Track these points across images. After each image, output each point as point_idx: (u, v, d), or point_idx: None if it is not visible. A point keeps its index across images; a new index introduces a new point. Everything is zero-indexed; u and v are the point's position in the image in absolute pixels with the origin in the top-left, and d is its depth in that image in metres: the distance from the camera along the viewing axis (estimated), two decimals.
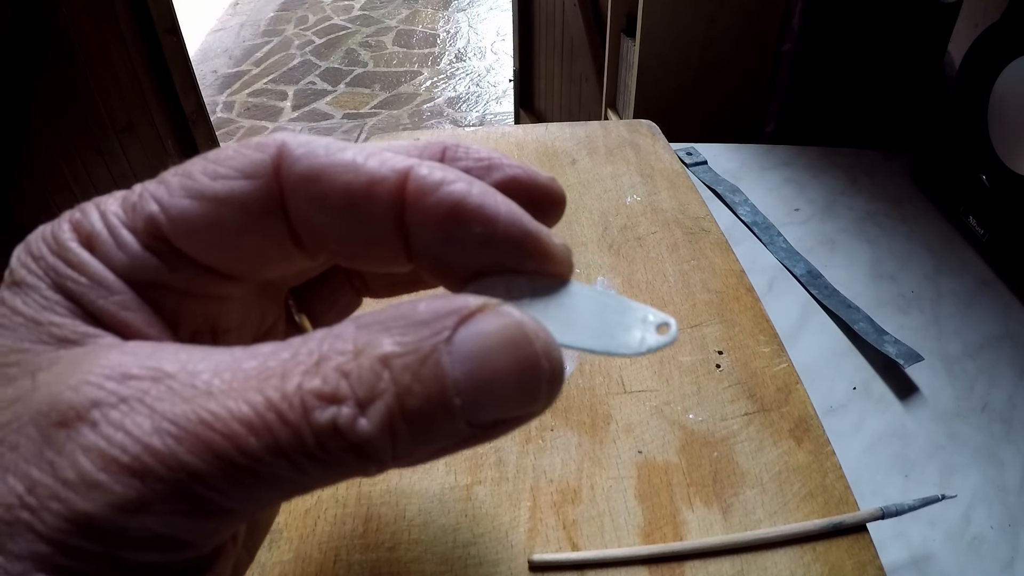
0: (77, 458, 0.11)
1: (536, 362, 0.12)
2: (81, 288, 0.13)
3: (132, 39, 1.73)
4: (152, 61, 1.80)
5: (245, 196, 0.13)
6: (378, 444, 0.11)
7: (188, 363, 0.12)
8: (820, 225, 0.53)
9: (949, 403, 0.39)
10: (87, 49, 1.62)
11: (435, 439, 0.12)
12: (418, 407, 0.11)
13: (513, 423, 0.12)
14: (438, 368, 0.11)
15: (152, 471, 0.11)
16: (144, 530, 0.11)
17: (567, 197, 0.17)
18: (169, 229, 0.13)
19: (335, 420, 0.11)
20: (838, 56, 0.70)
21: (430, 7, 3.49)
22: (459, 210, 0.13)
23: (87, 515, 0.11)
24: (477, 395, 0.12)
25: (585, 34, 1.24)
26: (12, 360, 0.12)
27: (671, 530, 0.26)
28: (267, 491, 0.12)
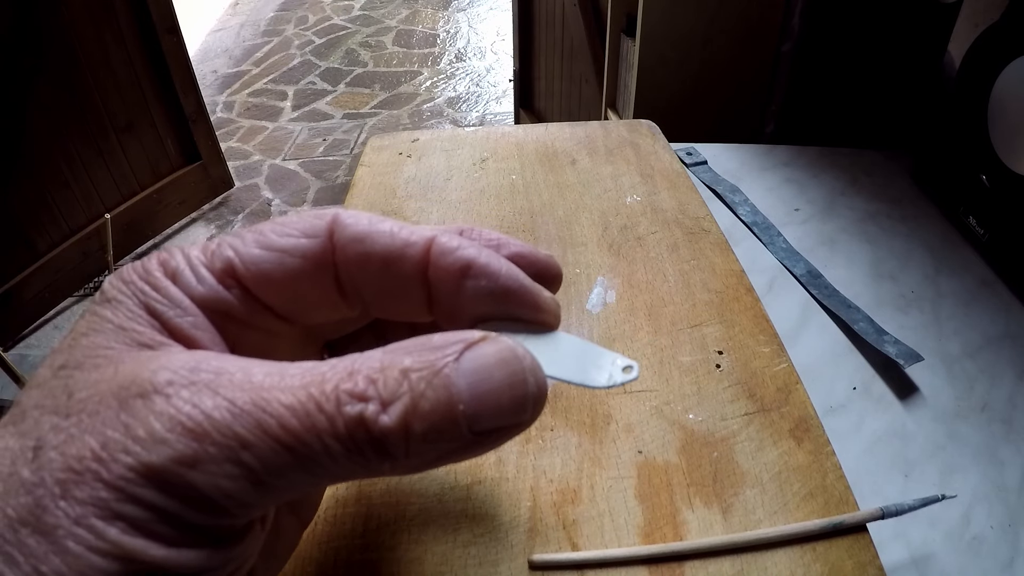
0: (149, 420, 0.13)
1: (524, 378, 0.15)
2: (161, 307, 0.16)
3: (132, 39, 1.73)
4: (152, 61, 1.80)
5: (304, 250, 0.17)
6: (395, 439, 0.14)
7: (246, 367, 0.15)
8: (820, 225, 0.53)
9: (949, 403, 0.39)
10: (87, 49, 1.62)
11: (442, 440, 0.14)
12: (430, 409, 0.14)
13: (507, 432, 0.15)
14: (447, 379, 0.14)
15: (209, 435, 0.13)
16: (194, 489, 0.13)
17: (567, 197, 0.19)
18: (242, 270, 0.17)
19: (362, 413, 0.14)
20: (838, 56, 0.70)
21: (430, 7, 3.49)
22: (470, 267, 0.17)
23: (150, 465, 0.13)
24: (477, 403, 0.14)
25: (585, 34, 1.24)
26: (100, 354, 0.15)
27: (671, 530, 0.26)
28: (300, 472, 0.14)
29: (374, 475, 0.15)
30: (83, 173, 1.69)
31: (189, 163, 1.99)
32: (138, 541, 0.13)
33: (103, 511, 0.13)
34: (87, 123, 1.67)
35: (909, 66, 0.65)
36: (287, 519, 0.20)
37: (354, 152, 2.37)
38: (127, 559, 0.13)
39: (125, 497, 0.13)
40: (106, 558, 0.13)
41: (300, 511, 0.20)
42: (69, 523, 0.13)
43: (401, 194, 0.45)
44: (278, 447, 0.14)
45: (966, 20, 0.51)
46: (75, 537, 0.13)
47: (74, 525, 0.13)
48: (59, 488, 0.13)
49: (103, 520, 0.13)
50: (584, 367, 0.17)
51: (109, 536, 0.13)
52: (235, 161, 2.28)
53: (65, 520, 0.13)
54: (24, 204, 1.56)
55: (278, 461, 0.14)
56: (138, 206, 1.85)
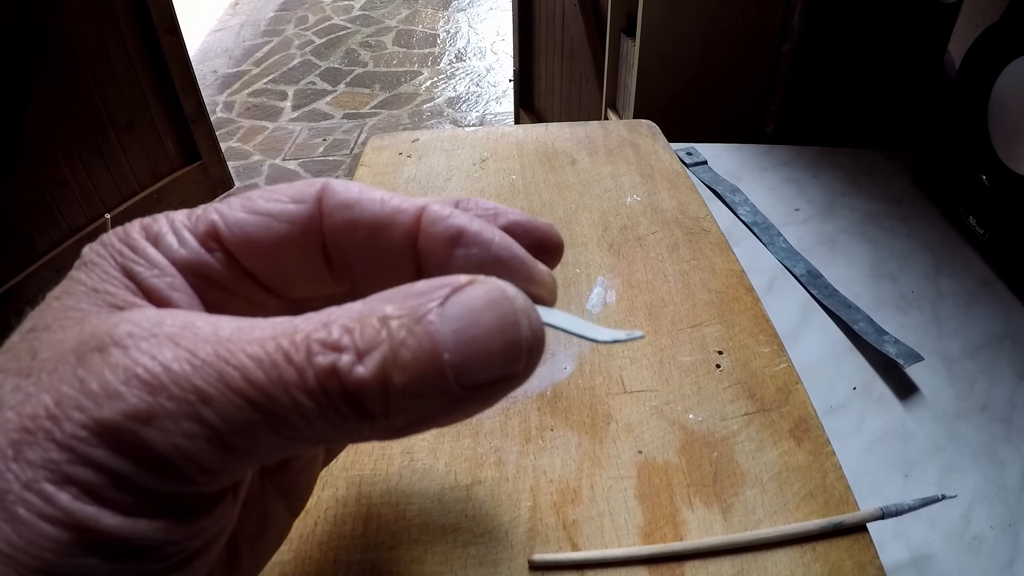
0: (104, 373, 0.12)
1: (516, 319, 0.14)
2: (138, 268, 0.15)
3: (132, 39, 1.73)
4: (152, 61, 1.79)
5: (291, 215, 0.16)
6: (372, 392, 0.13)
7: (215, 321, 0.14)
8: (820, 225, 0.53)
9: (949, 403, 0.39)
10: (87, 49, 1.62)
11: (426, 394, 0.13)
12: (411, 358, 0.13)
13: (499, 386, 0.14)
14: (430, 326, 0.13)
15: (166, 388, 0.12)
16: (149, 448, 0.12)
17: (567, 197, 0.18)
18: (226, 233, 0.16)
19: (335, 363, 0.13)
20: (838, 56, 0.70)
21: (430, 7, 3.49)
22: (461, 235, 0.16)
23: (102, 421, 0.12)
24: (464, 351, 0.13)
25: (585, 34, 1.24)
26: (69, 315, 0.14)
27: (671, 530, 0.26)
28: (268, 433, 0.13)
29: (354, 438, 0.14)
30: (83, 173, 1.68)
31: (189, 163, 1.99)
32: (90, 508, 0.12)
33: (55, 474, 0.12)
34: (87, 123, 1.66)
35: (909, 66, 0.65)
36: (275, 505, 0.19)
37: (354, 152, 2.37)
38: (80, 528, 0.12)
39: (77, 458, 0.12)
40: (57, 526, 0.12)
41: (289, 496, 0.19)
42: (20, 487, 0.12)
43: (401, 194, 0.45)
44: (242, 402, 0.12)
45: (966, 20, 0.51)
46: (25, 503, 0.12)
47: (24, 490, 0.12)
48: (12, 450, 0.12)
49: (54, 484, 0.12)
50: (583, 325, 0.16)
51: (60, 502, 0.12)
52: (235, 161, 2.28)
53: (16, 484, 0.12)
54: (24, 204, 1.56)
55: (242, 418, 0.12)
56: (138, 206, 1.84)
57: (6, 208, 1.52)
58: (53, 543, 0.12)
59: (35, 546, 0.12)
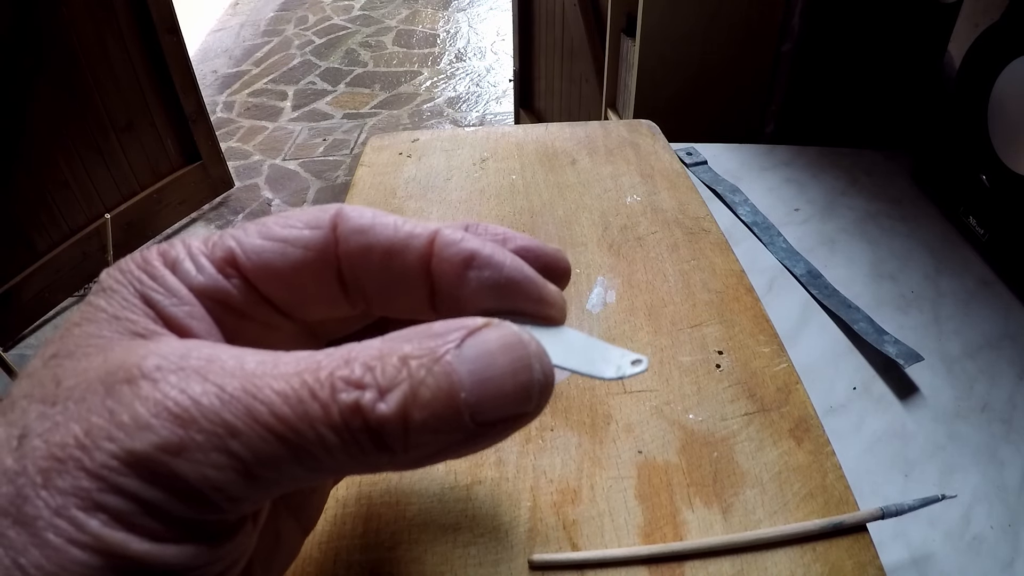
0: (134, 405, 0.13)
1: (529, 363, 0.14)
2: (157, 296, 0.16)
3: (132, 39, 1.73)
4: (152, 61, 1.79)
5: (307, 241, 0.17)
6: (393, 428, 0.13)
7: (239, 354, 0.14)
8: (820, 225, 0.53)
9: (949, 403, 0.39)
10: (87, 49, 1.62)
11: (443, 431, 0.14)
12: (430, 397, 0.13)
13: (511, 423, 0.14)
14: (448, 366, 0.14)
15: (196, 422, 0.13)
16: (179, 479, 0.13)
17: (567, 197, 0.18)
18: (243, 259, 0.16)
19: (358, 400, 0.13)
20: (838, 56, 0.70)
21: (430, 7, 3.49)
22: (474, 257, 0.17)
23: (133, 452, 0.13)
24: (480, 390, 0.14)
25: (585, 34, 1.24)
26: (91, 343, 0.15)
27: (671, 530, 0.26)
28: (293, 464, 0.13)
29: (373, 470, 0.14)
30: (83, 173, 1.68)
31: (189, 163, 1.99)
32: (120, 535, 0.12)
33: (85, 502, 0.12)
34: (87, 123, 1.67)
35: (909, 66, 0.65)
36: (287, 523, 0.19)
37: (354, 152, 2.37)
38: (109, 553, 0.12)
39: (107, 487, 0.12)
40: (87, 551, 0.12)
41: (301, 515, 0.20)
42: (50, 514, 0.12)
43: (401, 194, 0.45)
44: (269, 436, 0.13)
45: (966, 20, 0.51)
46: (55, 529, 0.12)
47: (55, 516, 0.12)
48: (41, 477, 0.13)
49: (84, 511, 0.12)
50: (591, 359, 0.17)
51: (90, 528, 0.12)
52: (235, 161, 2.28)
53: (46, 511, 0.12)
54: (24, 204, 1.56)
55: (269, 451, 0.13)
56: (138, 206, 1.84)
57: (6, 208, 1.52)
58: (82, 567, 0.12)
59: (64, 570, 0.12)
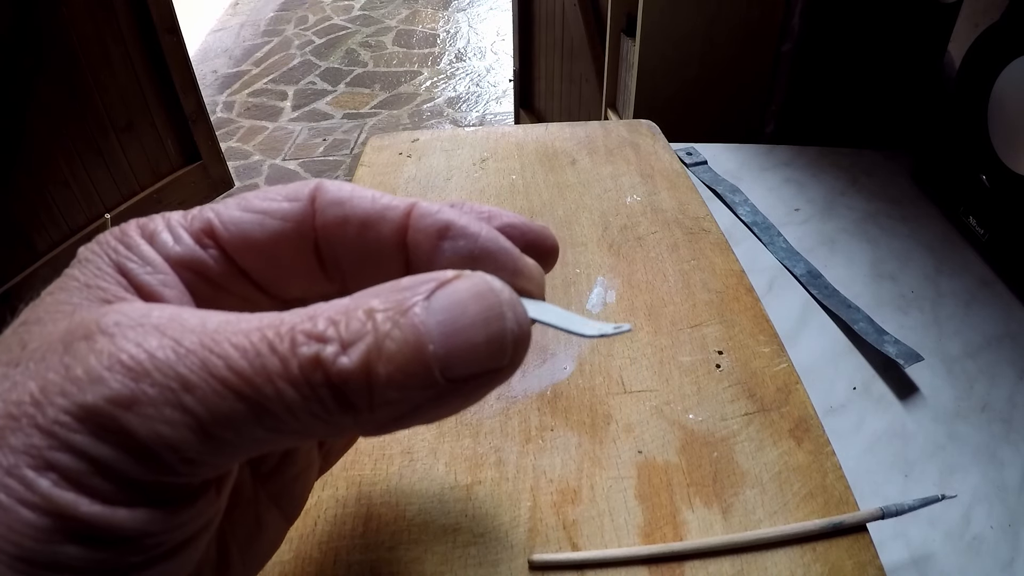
0: (88, 359, 0.13)
1: (501, 311, 0.14)
2: (131, 264, 0.15)
3: (132, 39, 1.73)
4: (152, 61, 1.79)
5: (285, 212, 0.16)
6: (356, 383, 0.13)
7: (202, 315, 0.14)
8: (820, 225, 0.53)
9: (949, 403, 0.39)
10: (87, 49, 1.62)
11: (411, 386, 0.13)
12: (395, 350, 0.13)
13: (485, 380, 0.14)
14: (415, 317, 0.13)
15: (149, 374, 0.12)
16: (131, 434, 0.12)
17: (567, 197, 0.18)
18: (220, 230, 0.16)
19: (319, 354, 0.13)
20: (838, 56, 0.70)
21: (430, 7, 3.49)
22: (448, 228, 0.16)
23: (84, 405, 0.12)
24: (449, 343, 0.13)
25: (585, 34, 1.24)
26: (60, 309, 0.14)
27: (671, 530, 0.26)
28: (252, 424, 0.13)
29: (340, 433, 0.13)
30: (83, 173, 1.68)
31: (189, 163, 1.99)
32: (69, 495, 0.12)
33: (36, 460, 0.12)
34: (87, 123, 1.66)
35: (909, 66, 0.65)
36: (269, 511, 0.18)
37: (354, 152, 2.36)
38: (58, 514, 0.12)
39: (58, 444, 0.12)
40: (36, 512, 0.12)
41: (282, 503, 0.19)
42: (1, 473, 0.12)
43: (401, 194, 0.45)
44: (225, 391, 0.12)
45: (966, 20, 0.51)
46: (5, 488, 0.12)
47: (5, 475, 0.12)
48: None
49: (35, 470, 0.12)
50: (571, 320, 0.16)
51: (39, 488, 0.12)
52: (235, 161, 2.28)
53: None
54: (24, 204, 1.56)
55: (225, 407, 0.12)
56: (138, 206, 1.84)
57: (6, 208, 1.52)
58: (32, 529, 0.12)
59: (13, 532, 0.12)
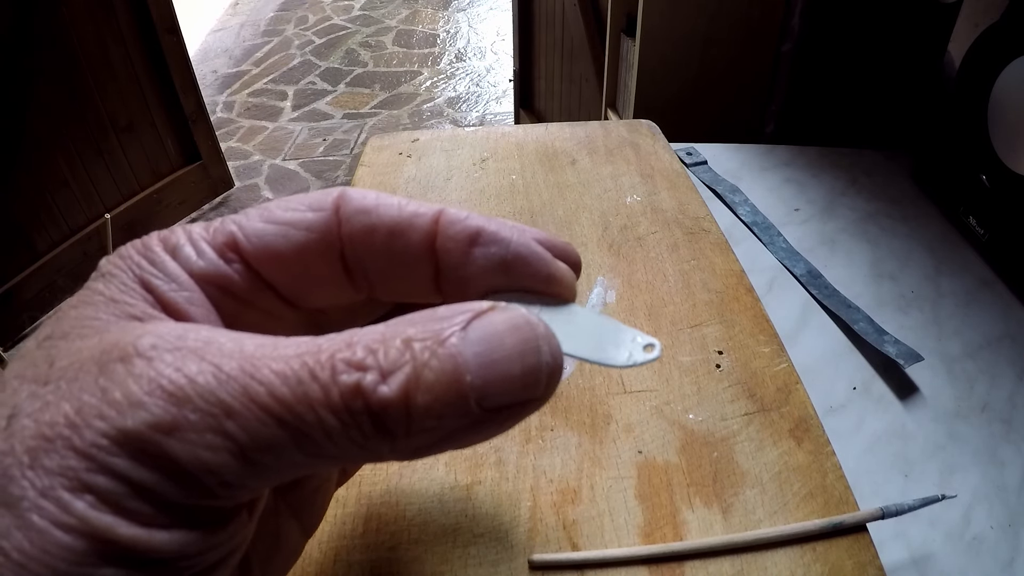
0: (127, 383, 0.12)
1: (537, 345, 0.14)
2: (156, 280, 0.15)
3: (132, 39, 1.73)
4: (152, 61, 1.79)
5: (309, 223, 0.16)
6: (395, 411, 0.13)
7: (237, 338, 0.14)
8: (820, 225, 0.53)
9: (949, 403, 0.39)
10: (87, 49, 1.62)
11: (448, 415, 0.13)
12: (434, 380, 0.13)
13: (518, 410, 0.14)
14: (453, 348, 0.13)
15: (191, 400, 0.12)
16: (171, 459, 0.12)
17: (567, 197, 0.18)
18: (244, 243, 0.16)
19: (359, 382, 0.13)
20: (838, 56, 0.70)
21: (430, 7, 3.49)
22: (479, 234, 0.16)
23: (124, 430, 0.12)
24: (486, 374, 0.13)
25: (585, 34, 1.24)
26: (87, 324, 0.14)
27: (671, 530, 0.26)
28: (291, 449, 0.13)
29: (375, 458, 0.14)
30: (83, 173, 1.68)
31: (189, 163, 1.99)
32: (107, 517, 0.12)
33: (72, 482, 0.12)
34: (87, 123, 1.66)
35: (909, 66, 0.65)
36: (288, 523, 0.18)
37: (354, 152, 2.37)
38: (95, 537, 0.12)
39: (96, 467, 0.12)
40: (72, 534, 0.12)
41: (302, 516, 0.19)
42: (35, 495, 0.12)
43: (401, 194, 0.45)
44: (266, 417, 0.12)
45: (966, 20, 0.51)
46: (40, 510, 0.12)
47: (40, 497, 0.12)
48: (28, 456, 0.12)
49: (71, 492, 0.12)
50: (602, 344, 0.16)
51: (76, 510, 0.12)
52: (235, 161, 2.28)
53: (31, 491, 0.12)
54: (24, 204, 1.56)
55: (266, 433, 0.12)
56: (138, 206, 1.84)
57: (6, 208, 1.52)
58: (66, 551, 0.12)
59: (48, 554, 0.11)
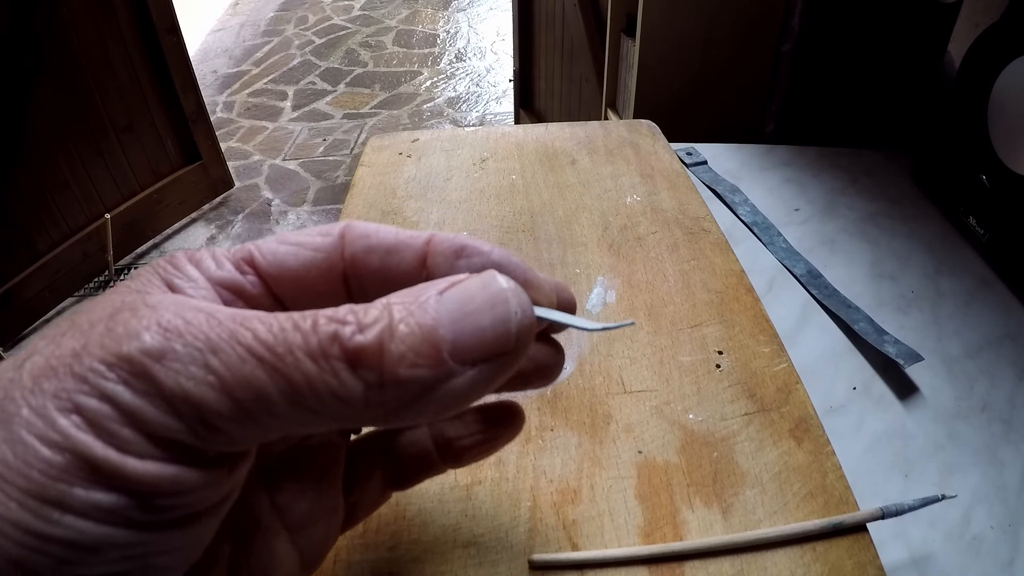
0: (131, 321, 0.14)
1: (505, 297, 0.15)
2: (177, 280, 0.17)
3: (132, 39, 1.73)
4: (152, 61, 1.79)
5: (318, 244, 0.18)
6: (369, 358, 0.14)
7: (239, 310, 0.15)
8: (820, 225, 0.53)
9: (949, 403, 0.39)
10: (87, 49, 1.62)
11: (421, 364, 0.14)
12: (408, 331, 0.14)
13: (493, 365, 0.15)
14: (427, 306, 0.15)
15: (182, 335, 0.14)
16: (157, 384, 0.13)
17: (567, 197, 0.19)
18: (259, 258, 0.18)
19: (337, 331, 0.14)
20: (838, 56, 0.70)
21: (430, 7, 3.49)
22: (464, 248, 0.18)
23: (119, 354, 0.13)
24: (457, 327, 0.15)
25: (585, 34, 1.24)
26: (109, 299, 0.16)
27: (671, 530, 0.26)
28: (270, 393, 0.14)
29: (353, 415, 0.14)
30: (83, 173, 1.68)
31: (189, 163, 1.99)
32: (88, 438, 0.13)
33: (64, 402, 0.13)
34: (87, 123, 1.66)
35: (909, 66, 0.65)
36: (286, 548, 0.18)
37: (354, 152, 2.36)
38: (74, 453, 0.13)
39: (89, 389, 0.13)
40: (52, 449, 0.12)
41: (301, 543, 0.19)
42: (28, 412, 0.13)
43: (401, 194, 0.45)
44: (248, 356, 0.13)
45: (966, 20, 0.51)
46: (29, 426, 0.13)
47: (32, 414, 0.13)
48: (31, 381, 0.13)
49: (60, 412, 0.13)
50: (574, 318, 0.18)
51: (60, 427, 0.13)
52: (235, 161, 2.28)
53: (25, 409, 0.13)
54: (24, 204, 1.56)
55: (247, 371, 0.13)
56: (138, 206, 1.84)
57: (6, 208, 1.52)
58: (45, 465, 0.12)
59: (28, 466, 0.12)
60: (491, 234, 0.42)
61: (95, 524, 0.13)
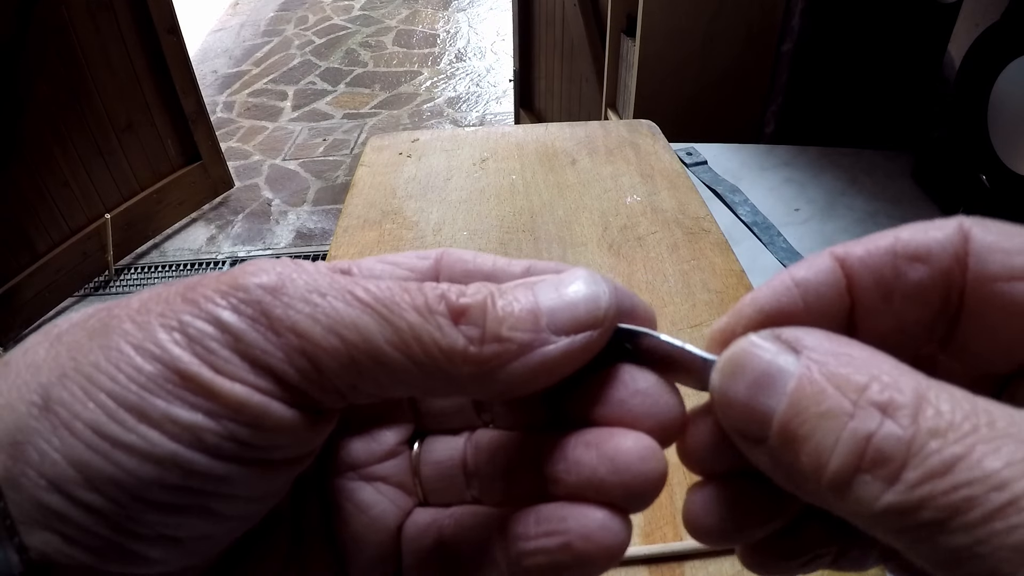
0: (245, 267, 0.14)
1: (599, 279, 0.16)
2: None
3: (132, 39, 1.73)
4: (152, 61, 1.79)
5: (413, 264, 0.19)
6: (474, 312, 0.15)
7: None
8: (820, 225, 0.53)
9: None
10: (87, 49, 1.62)
11: (519, 328, 0.15)
12: (511, 298, 0.15)
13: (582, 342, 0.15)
14: (527, 284, 0.16)
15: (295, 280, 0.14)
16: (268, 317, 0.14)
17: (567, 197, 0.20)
18: (356, 272, 0.18)
19: (444, 292, 0.15)
20: (838, 56, 0.70)
21: (430, 7, 3.49)
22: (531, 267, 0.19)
23: (235, 283, 0.14)
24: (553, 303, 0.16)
25: (585, 34, 1.24)
26: None
27: (671, 530, 0.26)
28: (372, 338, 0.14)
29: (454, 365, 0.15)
30: (83, 173, 1.68)
31: (189, 163, 1.99)
32: (185, 353, 0.13)
33: (168, 320, 0.13)
34: (87, 123, 1.66)
35: (909, 66, 0.65)
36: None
37: (354, 152, 2.36)
38: (168, 365, 0.13)
39: (197, 311, 0.13)
40: (146, 358, 0.13)
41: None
42: (131, 325, 0.13)
43: (401, 194, 0.45)
44: (356, 302, 0.14)
45: (966, 20, 0.51)
46: (127, 335, 0.13)
47: (134, 327, 0.13)
48: (139, 304, 0.14)
49: (163, 328, 0.13)
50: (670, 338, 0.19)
51: (159, 339, 0.13)
52: (235, 161, 2.28)
53: (128, 323, 0.13)
54: (24, 204, 1.56)
55: (353, 314, 0.14)
56: (138, 206, 1.84)
57: (6, 208, 1.52)
58: (135, 371, 0.13)
59: (117, 370, 0.13)
60: (491, 234, 0.42)
61: (167, 439, 0.13)
